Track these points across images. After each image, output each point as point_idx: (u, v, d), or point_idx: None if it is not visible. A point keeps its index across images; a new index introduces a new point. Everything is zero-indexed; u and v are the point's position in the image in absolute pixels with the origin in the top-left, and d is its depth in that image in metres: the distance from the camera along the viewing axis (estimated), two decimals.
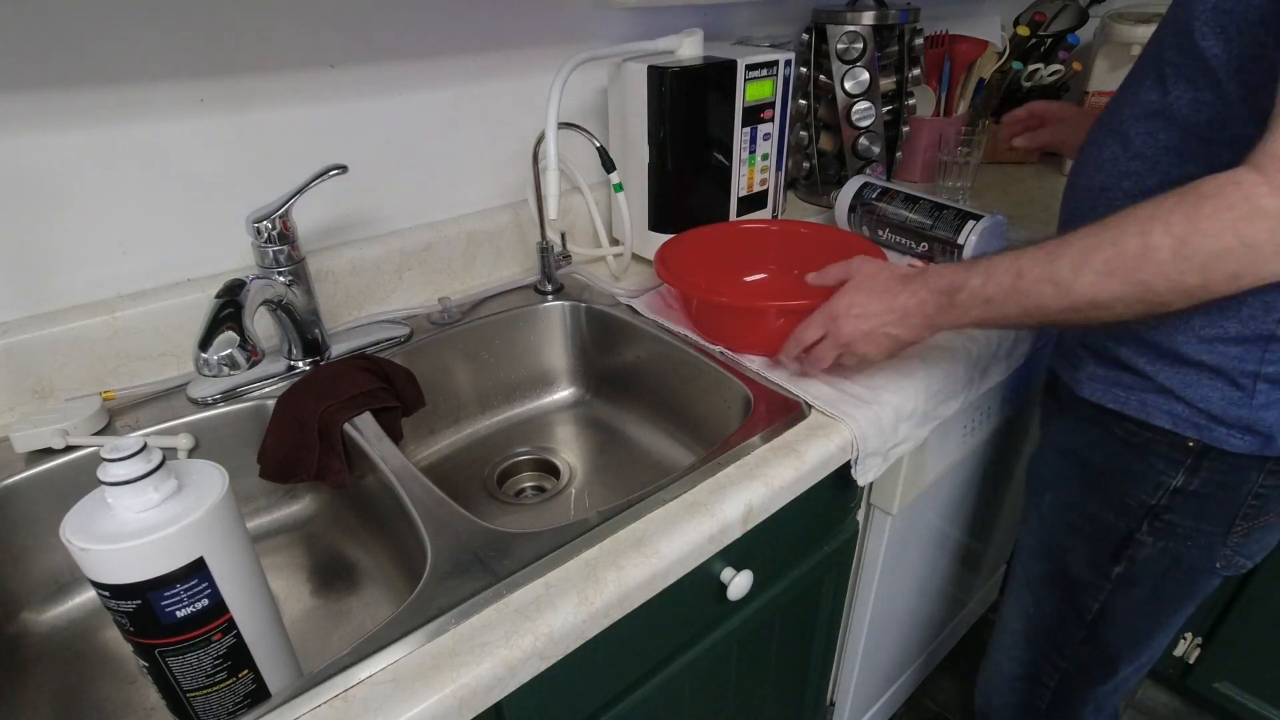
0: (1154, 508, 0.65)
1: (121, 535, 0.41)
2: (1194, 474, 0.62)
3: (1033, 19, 1.33)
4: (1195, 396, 0.60)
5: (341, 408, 0.67)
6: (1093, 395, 0.67)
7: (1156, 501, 0.65)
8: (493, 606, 0.49)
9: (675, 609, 0.61)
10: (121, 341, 0.70)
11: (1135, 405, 0.63)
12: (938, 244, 0.92)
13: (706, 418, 0.80)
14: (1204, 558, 0.66)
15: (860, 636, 0.96)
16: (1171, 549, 0.66)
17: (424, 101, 0.84)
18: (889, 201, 0.97)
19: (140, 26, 0.64)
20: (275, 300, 0.70)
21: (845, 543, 0.81)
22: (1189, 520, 0.64)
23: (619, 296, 0.89)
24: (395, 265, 0.86)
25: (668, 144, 0.87)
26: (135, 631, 0.44)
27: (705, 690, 0.73)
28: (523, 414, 0.92)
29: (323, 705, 0.43)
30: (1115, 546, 0.69)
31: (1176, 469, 0.63)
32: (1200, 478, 0.62)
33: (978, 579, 1.32)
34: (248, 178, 0.75)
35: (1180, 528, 0.65)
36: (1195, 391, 0.60)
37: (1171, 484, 0.63)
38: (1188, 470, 0.62)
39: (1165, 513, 0.65)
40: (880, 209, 0.98)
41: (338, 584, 0.69)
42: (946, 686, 1.35)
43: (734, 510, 0.58)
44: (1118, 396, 0.65)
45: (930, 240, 0.93)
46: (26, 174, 0.64)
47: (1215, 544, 0.65)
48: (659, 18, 1.00)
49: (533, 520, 0.78)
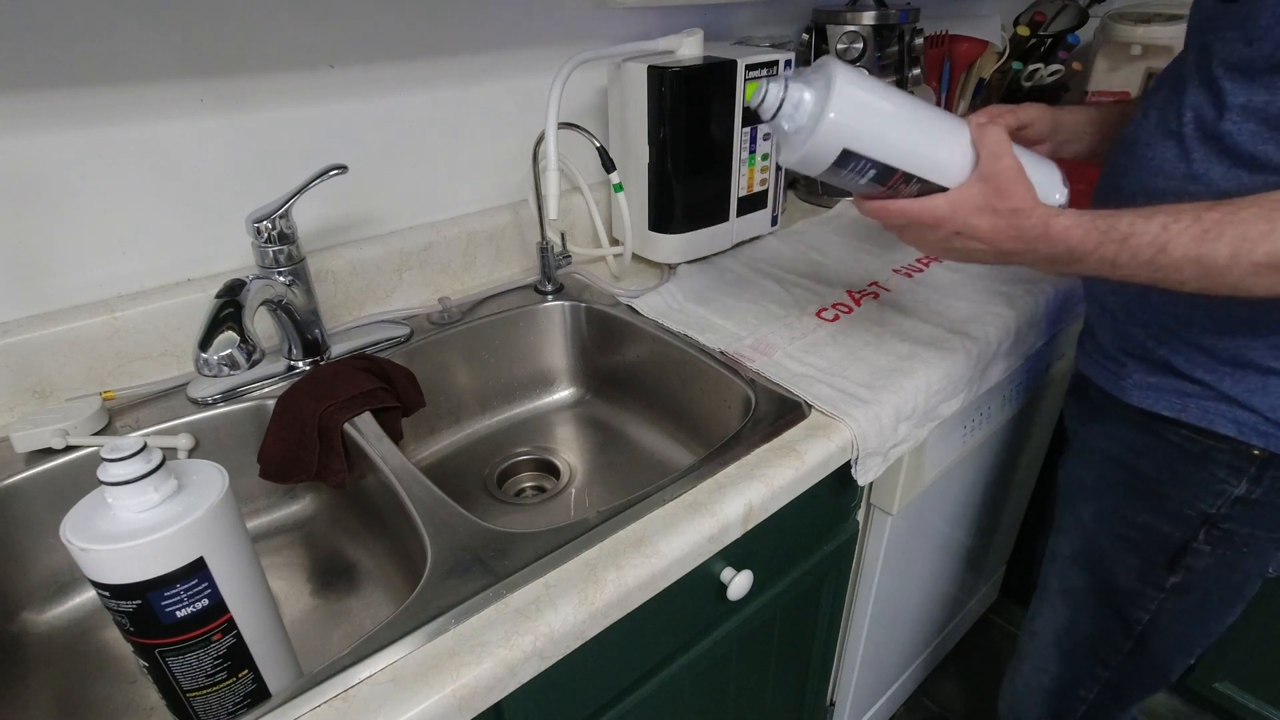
0: (1213, 516, 0.63)
1: (121, 535, 0.41)
2: (1257, 482, 0.60)
3: (1033, 19, 1.33)
4: (1264, 405, 0.58)
5: (341, 408, 0.67)
6: (1144, 402, 0.64)
7: (1216, 510, 0.63)
8: (493, 606, 0.49)
9: (675, 609, 0.61)
10: (121, 341, 0.70)
11: (1195, 412, 0.61)
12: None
13: (706, 418, 0.80)
14: (1259, 563, 0.65)
15: (860, 636, 0.96)
16: (1229, 557, 0.65)
17: (424, 101, 0.84)
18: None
19: (140, 26, 0.64)
20: (275, 300, 0.70)
21: (845, 543, 0.81)
22: (1247, 528, 0.63)
23: (619, 296, 0.89)
24: (395, 265, 0.86)
25: (668, 144, 0.87)
26: (135, 631, 0.44)
27: (705, 690, 0.73)
28: (523, 414, 0.92)
29: (323, 705, 0.43)
30: (1170, 557, 0.67)
31: (1239, 477, 0.61)
32: (1264, 485, 0.60)
33: (978, 579, 1.32)
34: (248, 178, 0.75)
35: (1238, 535, 0.63)
36: (1263, 399, 0.58)
37: (1233, 492, 0.61)
38: (1251, 479, 0.60)
39: (1225, 521, 0.63)
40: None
41: (338, 584, 0.69)
42: (946, 686, 1.35)
43: (734, 510, 0.58)
44: (1173, 404, 0.62)
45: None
46: (26, 173, 0.64)
47: (1270, 549, 0.64)
48: (659, 18, 1.00)
49: (533, 520, 0.78)
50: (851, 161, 0.57)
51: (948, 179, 0.58)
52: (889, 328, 0.81)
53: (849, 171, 0.58)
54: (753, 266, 0.96)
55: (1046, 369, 1.00)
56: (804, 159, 0.57)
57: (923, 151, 0.58)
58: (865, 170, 0.57)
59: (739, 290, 0.91)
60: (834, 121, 0.55)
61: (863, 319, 0.83)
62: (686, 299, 0.89)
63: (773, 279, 0.93)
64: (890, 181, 0.59)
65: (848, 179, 0.59)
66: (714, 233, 0.96)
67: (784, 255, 1.00)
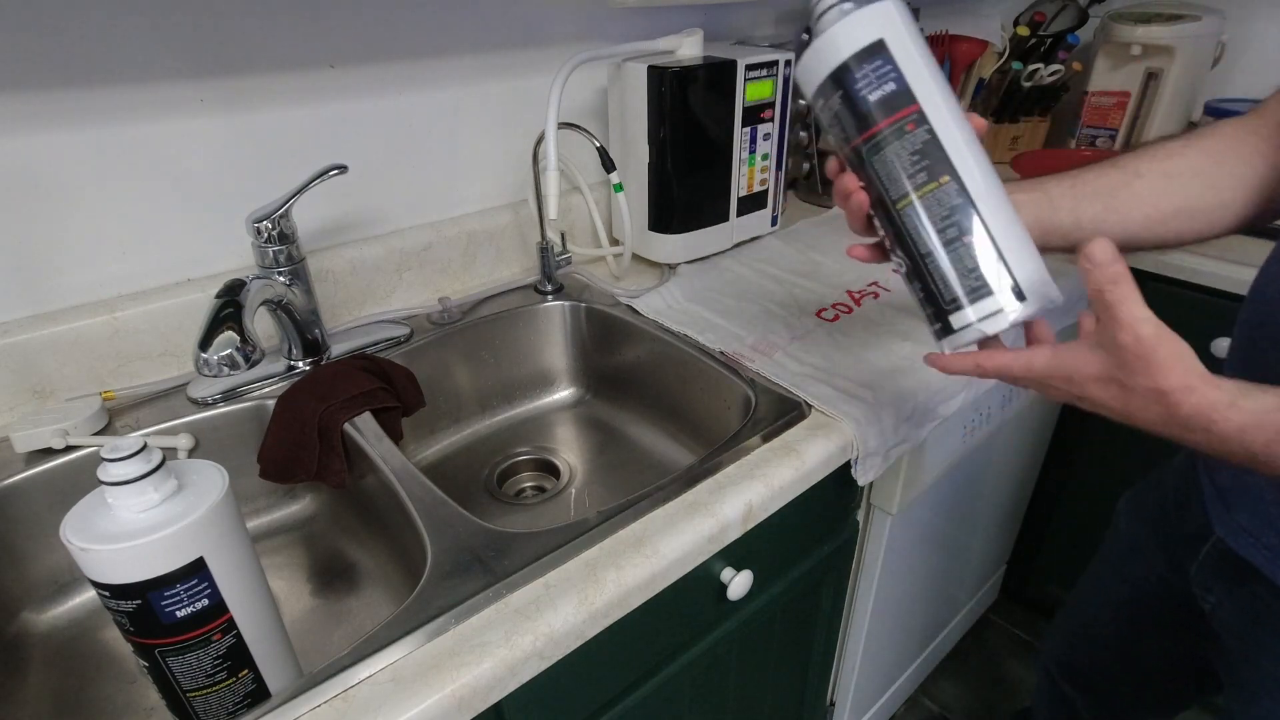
0: None
1: (121, 535, 0.41)
2: None
3: (1033, 19, 1.33)
4: None
5: (341, 408, 0.67)
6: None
7: None
8: (493, 606, 0.49)
9: (675, 609, 0.61)
10: (121, 341, 0.70)
11: None
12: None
13: (706, 418, 0.80)
14: None
15: (860, 636, 0.96)
16: None
17: (424, 101, 0.84)
18: None
19: (140, 26, 0.64)
20: (275, 300, 0.70)
21: (845, 543, 0.81)
22: None
23: (619, 296, 0.89)
24: (395, 265, 0.86)
25: (668, 144, 0.87)
26: (135, 631, 0.44)
27: (705, 690, 0.73)
28: (523, 414, 0.92)
29: (323, 705, 0.43)
30: None
31: None
32: None
33: (978, 579, 1.32)
34: (248, 178, 0.75)
35: None
36: None
37: None
38: None
39: None
40: None
41: (338, 584, 0.69)
42: (946, 686, 1.35)
43: (734, 510, 0.58)
44: None
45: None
46: (26, 174, 0.64)
47: None
48: (659, 18, 1.00)
49: (533, 520, 0.78)
50: (876, 60, 0.43)
51: (971, 179, 0.44)
52: (889, 328, 0.81)
53: (860, 78, 0.44)
54: (753, 266, 0.96)
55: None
56: (830, 38, 0.44)
57: (973, 155, 0.44)
58: (884, 80, 0.43)
59: (739, 290, 0.91)
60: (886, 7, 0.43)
61: (863, 319, 0.83)
62: (686, 299, 0.89)
63: (773, 279, 0.93)
64: (899, 115, 0.44)
65: (843, 102, 0.45)
66: (714, 233, 0.96)
67: (784, 255, 1.00)
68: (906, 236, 0.46)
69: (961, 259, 0.44)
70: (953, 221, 0.44)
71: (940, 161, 0.43)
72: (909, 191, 0.44)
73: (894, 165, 0.44)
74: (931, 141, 0.43)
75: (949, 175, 0.43)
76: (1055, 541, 1.34)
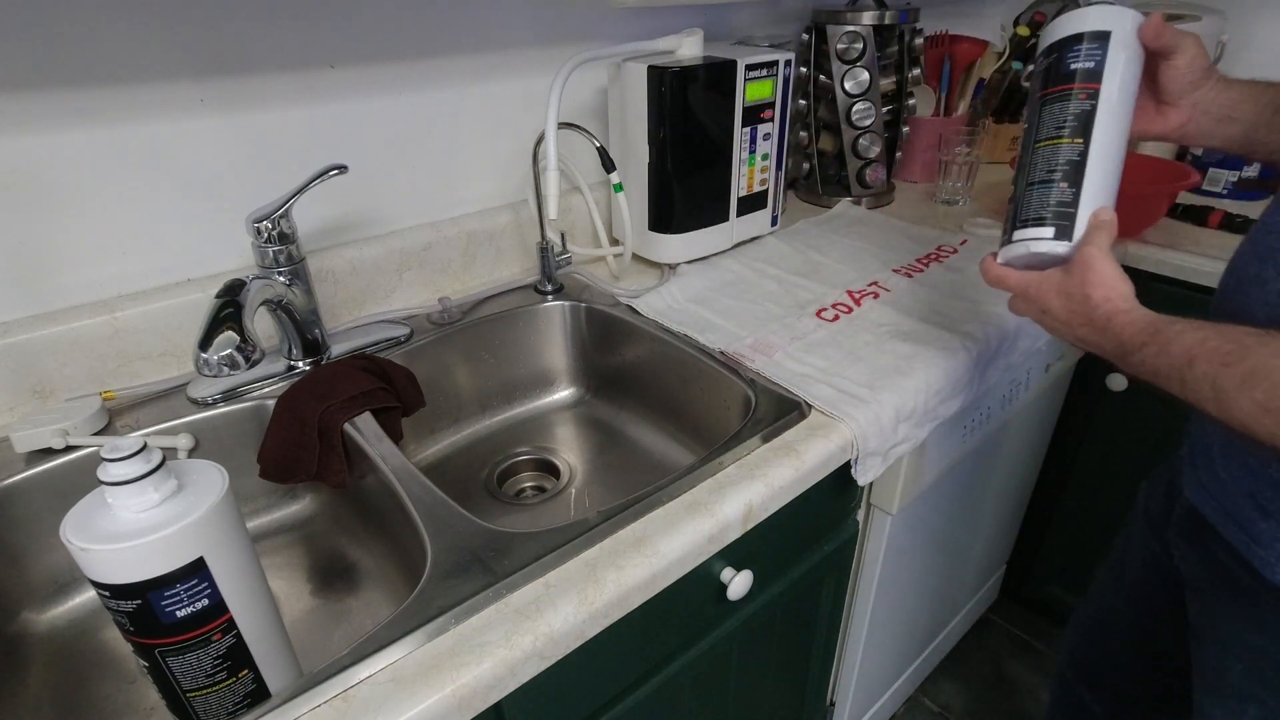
0: None
1: (121, 535, 0.41)
2: None
3: (1033, 19, 1.33)
4: None
5: (341, 408, 0.67)
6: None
7: None
8: (493, 606, 0.49)
9: (675, 609, 0.61)
10: (121, 341, 0.70)
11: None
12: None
13: (706, 418, 0.80)
14: None
15: (860, 636, 0.96)
16: None
17: (424, 101, 0.84)
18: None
19: (140, 26, 0.64)
20: (275, 300, 0.70)
21: (845, 543, 0.81)
22: None
23: (619, 296, 0.89)
24: (395, 265, 0.86)
25: (668, 144, 0.87)
26: (135, 631, 0.44)
27: (705, 690, 0.73)
28: (523, 414, 0.92)
29: (323, 705, 0.43)
30: None
31: None
32: None
33: (978, 579, 1.32)
34: (248, 178, 0.75)
35: None
36: None
37: None
38: None
39: None
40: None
41: (338, 584, 0.69)
42: (946, 686, 1.35)
43: (734, 510, 0.58)
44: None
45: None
46: (26, 174, 0.64)
47: None
48: (659, 18, 1.00)
49: (533, 520, 0.78)
50: (1097, 44, 0.56)
51: (1096, 152, 0.56)
52: (889, 328, 0.81)
53: (1081, 50, 0.56)
54: (753, 266, 0.96)
55: (1046, 369, 1.00)
56: (1083, 13, 0.57)
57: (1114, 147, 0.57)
58: (1091, 58, 0.56)
59: (739, 290, 0.91)
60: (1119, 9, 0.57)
61: (863, 319, 0.83)
62: (686, 299, 0.89)
63: (773, 279, 0.93)
64: (1084, 85, 0.56)
65: (1058, 60, 0.57)
66: (714, 233, 0.97)
67: (784, 255, 1.00)
68: (1029, 165, 0.59)
69: (1047, 196, 0.57)
70: (1063, 170, 0.57)
71: (1086, 129, 0.56)
72: (1054, 136, 0.57)
73: (1057, 115, 0.57)
74: (1090, 113, 0.56)
75: (1084, 141, 0.56)
76: (1055, 541, 1.34)
